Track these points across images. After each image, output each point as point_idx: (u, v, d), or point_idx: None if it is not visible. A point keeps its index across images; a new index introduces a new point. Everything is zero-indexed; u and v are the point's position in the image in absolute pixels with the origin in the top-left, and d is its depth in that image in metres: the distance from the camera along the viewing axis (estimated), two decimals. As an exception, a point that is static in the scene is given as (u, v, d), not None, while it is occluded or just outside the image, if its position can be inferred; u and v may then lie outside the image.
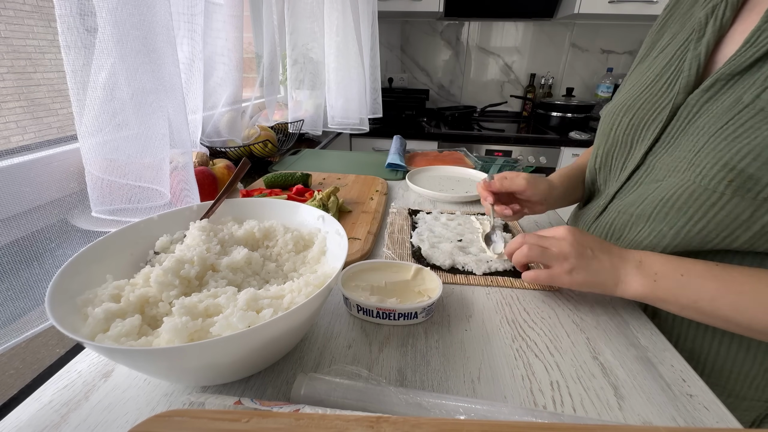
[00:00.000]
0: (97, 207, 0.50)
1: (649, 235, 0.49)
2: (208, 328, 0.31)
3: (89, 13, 0.45)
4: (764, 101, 0.40)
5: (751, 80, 0.42)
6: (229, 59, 0.93)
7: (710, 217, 0.43)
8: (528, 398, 0.35)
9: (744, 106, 0.41)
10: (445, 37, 2.29)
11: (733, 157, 0.40)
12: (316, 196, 0.71)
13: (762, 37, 0.41)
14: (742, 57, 0.43)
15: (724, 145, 0.41)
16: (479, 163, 1.04)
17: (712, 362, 0.49)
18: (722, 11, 0.47)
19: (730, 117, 0.42)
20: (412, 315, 0.43)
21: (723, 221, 0.42)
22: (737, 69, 0.43)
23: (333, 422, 0.21)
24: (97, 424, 0.32)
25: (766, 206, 0.39)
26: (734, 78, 0.43)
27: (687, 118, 0.47)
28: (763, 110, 0.39)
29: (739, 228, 0.41)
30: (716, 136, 0.43)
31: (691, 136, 0.46)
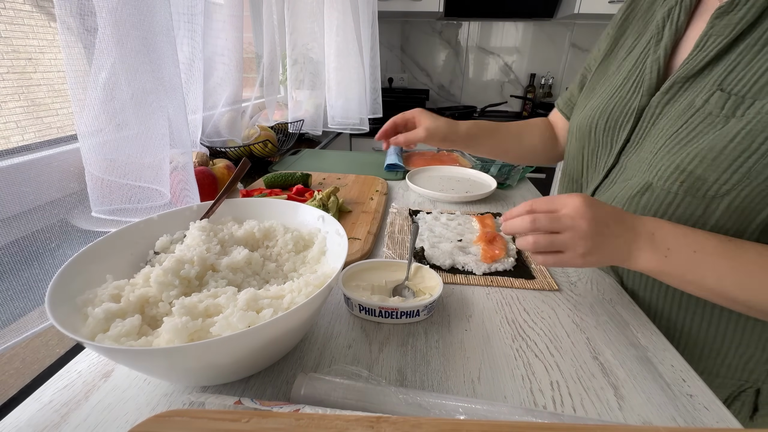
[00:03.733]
0: (97, 207, 0.50)
1: None
2: (208, 328, 0.31)
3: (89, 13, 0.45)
4: (712, 105, 0.43)
5: (702, 84, 0.45)
6: (229, 59, 0.93)
7: (669, 214, 0.46)
8: (528, 398, 0.35)
9: (695, 110, 0.44)
10: (445, 37, 2.29)
11: (684, 160, 0.43)
12: (315, 196, 0.71)
13: (709, 42, 0.44)
14: (694, 61, 0.45)
15: (678, 149, 0.44)
16: (478, 164, 1.04)
17: (686, 340, 0.50)
18: (677, 14, 0.50)
19: (684, 120, 0.45)
20: (414, 313, 0.43)
21: (680, 218, 0.45)
22: (690, 72, 0.46)
23: (333, 422, 0.21)
24: (97, 424, 0.32)
25: (715, 203, 0.42)
26: (689, 81, 0.46)
27: (651, 120, 0.50)
28: (710, 114, 0.42)
29: (696, 224, 0.44)
30: (672, 138, 0.46)
31: (653, 138, 0.49)
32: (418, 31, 2.29)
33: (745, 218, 0.42)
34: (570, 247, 0.40)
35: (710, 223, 0.43)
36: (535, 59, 2.28)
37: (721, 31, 0.43)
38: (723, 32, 0.43)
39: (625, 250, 0.41)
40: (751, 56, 0.41)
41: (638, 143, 0.52)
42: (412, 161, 1.10)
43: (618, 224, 0.41)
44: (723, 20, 0.43)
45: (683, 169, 0.43)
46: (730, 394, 0.52)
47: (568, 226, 0.40)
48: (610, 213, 0.41)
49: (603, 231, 0.40)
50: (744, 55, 0.42)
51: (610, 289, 0.52)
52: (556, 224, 0.40)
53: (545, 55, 2.27)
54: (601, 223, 0.40)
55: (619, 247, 0.40)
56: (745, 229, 0.43)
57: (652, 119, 0.50)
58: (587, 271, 0.56)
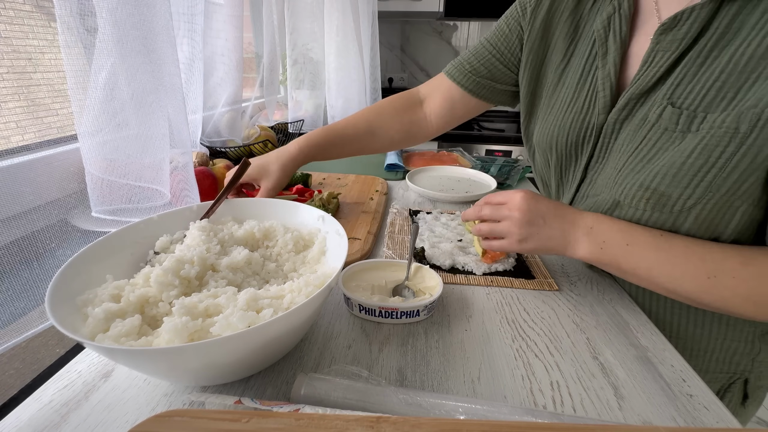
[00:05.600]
0: (97, 207, 0.50)
1: None
2: (208, 328, 0.31)
3: (89, 13, 0.45)
4: (666, 120, 0.43)
5: (653, 98, 0.45)
6: (229, 59, 0.93)
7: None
8: (528, 398, 0.35)
9: (651, 125, 0.45)
10: (445, 37, 2.29)
11: (647, 178, 0.44)
12: (315, 197, 0.71)
13: (657, 59, 0.45)
14: (645, 78, 0.46)
15: (641, 167, 0.45)
16: (478, 164, 1.04)
17: (675, 336, 0.52)
18: (618, 25, 0.49)
19: (643, 136, 0.46)
20: (414, 313, 0.43)
21: None
22: (643, 89, 0.46)
23: (333, 422, 0.21)
24: (97, 424, 0.32)
25: (683, 217, 0.43)
26: (642, 96, 0.47)
27: (611, 136, 0.50)
28: (667, 129, 0.43)
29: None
30: (633, 156, 0.46)
31: (616, 153, 0.49)
32: (418, 31, 2.29)
33: (714, 228, 0.43)
34: (507, 234, 0.48)
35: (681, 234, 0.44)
36: (535, 59, 2.28)
37: (668, 46, 0.44)
38: (669, 48, 0.43)
39: (563, 241, 0.46)
40: (696, 69, 0.42)
41: (603, 159, 0.52)
42: (412, 161, 1.10)
43: (556, 218, 0.46)
44: (668, 36, 0.44)
45: (647, 187, 0.44)
46: (720, 387, 0.54)
47: (505, 216, 0.48)
48: (547, 207, 0.47)
49: (537, 222, 0.46)
50: (689, 68, 0.43)
51: (610, 289, 0.52)
52: (496, 214, 0.49)
53: (545, 55, 2.26)
54: (537, 215, 0.46)
55: (555, 237, 0.46)
56: (718, 238, 0.43)
57: (612, 135, 0.50)
58: (587, 272, 0.56)
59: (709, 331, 0.51)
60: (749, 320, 0.50)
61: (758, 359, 0.52)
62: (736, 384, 0.54)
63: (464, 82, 0.68)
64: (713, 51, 0.41)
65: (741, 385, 0.54)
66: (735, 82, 0.39)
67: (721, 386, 0.54)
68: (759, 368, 0.53)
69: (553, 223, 0.46)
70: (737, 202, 0.40)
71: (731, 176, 0.39)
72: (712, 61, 0.41)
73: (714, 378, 0.54)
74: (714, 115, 0.40)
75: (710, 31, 0.41)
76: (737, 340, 0.51)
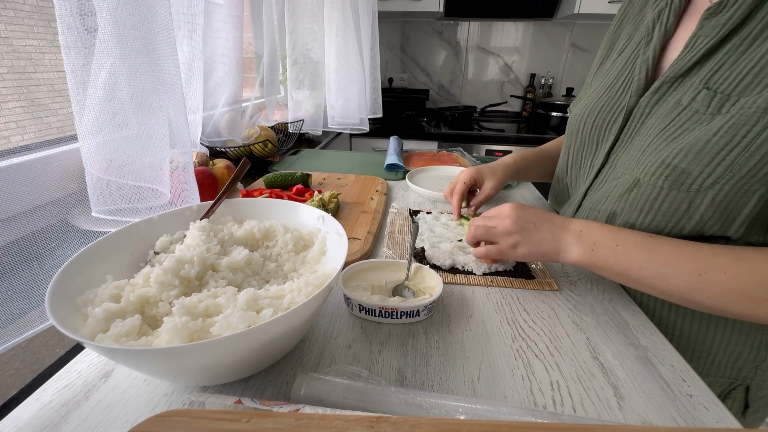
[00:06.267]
0: (97, 207, 0.50)
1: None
2: (208, 328, 0.31)
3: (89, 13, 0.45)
4: (698, 103, 0.43)
5: (690, 83, 0.45)
6: (229, 59, 0.93)
7: (655, 209, 0.46)
8: (528, 398, 0.35)
9: (683, 108, 0.45)
10: (445, 37, 2.29)
11: (669, 155, 0.44)
12: (315, 197, 0.71)
13: (698, 43, 0.45)
14: (683, 61, 0.46)
15: (665, 145, 0.45)
16: (478, 164, 1.04)
17: (677, 341, 0.52)
18: (666, 16, 0.51)
19: (672, 118, 0.46)
20: (414, 313, 0.43)
21: (667, 212, 0.46)
22: (679, 72, 0.46)
23: (333, 422, 0.21)
24: (97, 424, 0.32)
25: (700, 197, 0.43)
26: (677, 80, 0.47)
27: (640, 119, 0.51)
28: (697, 112, 0.43)
29: (683, 218, 0.45)
30: (659, 136, 0.47)
31: (642, 136, 0.49)
32: (418, 31, 2.29)
33: (729, 214, 0.43)
34: (501, 240, 0.50)
35: (695, 218, 0.44)
36: (535, 59, 2.28)
37: (710, 31, 0.44)
38: (711, 33, 0.44)
39: (555, 245, 0.47)
40: (737, 55, 0.42)
41: (627, 142, 0.52)
42: (412, 161, 1.10)
43: (545, 222, 0.48)
44: (711, 21, 0.44)
45: (668, 164, 0.44)
46: (720, 393, 0.54)
47: (496, 224, 0.50)
48: (535, 214, 0.49)
49: (528, 227, 0.48)
50: (730, 54, 0.43)
51: (610, 289, 0.52)
52: (488, 224, 0.51)
53: (545, 55, 2.27)
54: (527, 221, 0.49)
55: (546, 241, 0.48)
56: (730, 225, 0.43)
57: (641, 119, 0.50)
58: (587, 272, 0.56)
59: (714, 332, 0.51)
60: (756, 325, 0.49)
61: (762, 367, 0.52)
62: (736, 391, 0.53)
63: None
64: (757, 39, 0.41)
65: (742, 393, 0.53)
66: None
67: (721, 391, 0.54)
68: (762, 376, 0.52)
69: (543, 228, 0.48)
70: (756, 185, 0.40)
71: (753, 157, 0.39)
72: (754, 49, 0.41)
73: (714, 382, 0.53)
74: (746, 98, 0.40)
75: (756, 20, 0.41)
76: (742, 344, 0.50)
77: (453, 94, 2.42)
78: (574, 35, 2.20)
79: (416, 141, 1.89)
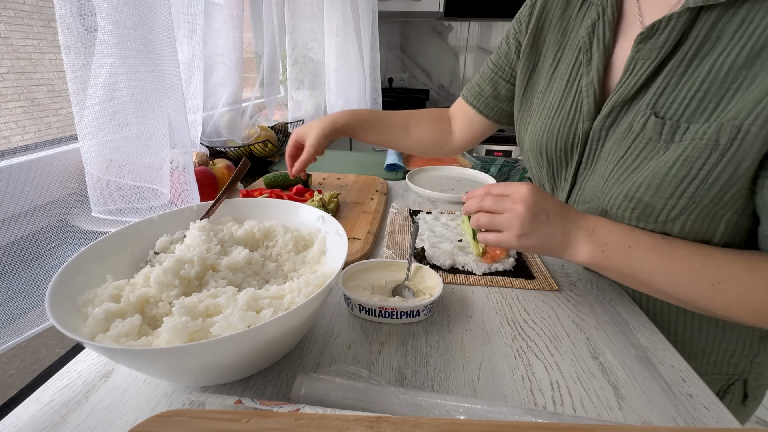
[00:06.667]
0: (97, 207, 0.50)
1: None
2: (208, 328, 0.31)
3: (89, 13, 0.45)
4: (650, 130, 0.43)
5: (638, 106, 0.45)
6: (229, 59, 0.93)
7: None
8: (528, 398, 0.35)
9: (636, 135, 0.44)
10: (445, 37, 2.29)
11: (631, 188, 0.44)
12: (315, 197, 0.71)
13: (638, 67, 0.44)
14: (627, 86, 0.45)
15: (626, 177, 0.45)
16: (478, 164, 1.04)
17: (673, 338, 0.52)
18: (602, 31, 0.49)
19: (628, 145, 0.45)
20: (414, 313, 0.43)
21: None
22: (627, 97, 0.46)
23: (333, 422, 0.21)
24: (97, 424, 0.32)
25: (669, 226, 0.43)
26: (626, 104, 0.46)
27: (598, 143, 0.50)
28: (651, 140, 0.43)
29: None
30: (619, 165, 0.46)
31: (603, 161, 0.49)
32: (418, 31, 2.29)
33: (702, 237, 0.43)
34: (506, 227, 0.44)
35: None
36: (535, 59, 2.28)
37: (647, 55, 0.43)
38: (649, 56, 0.43)
39: (564, 241, 0.44)
40: (677, 78, 0.42)
41: (591, 166, 0.51)
42: (412, 161, 1.10)
43: (559, 216, 0.44)
44: (647, 45, 0.43)
45: (632, 197, 0.44)
46: (720, 389, 0.54)
47: (508, 207, 0.44)
48: (552, 204, 0.44)
49: (540, 218, 0.43)
50: (671, 77, 0.42)
51: (610, 289, 0.52)
52: (499, 205, 0.45)
53: (545, 55, 2.26)
54: (540, 211, 0.43)
55: (556, 236, 0.43)
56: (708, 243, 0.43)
57: (599, 142, 0.50)
58: (587, 272, 0.56)
59: (707, 333, 0.51)
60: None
61: (756, 361, 0.52)
62: (735, 385, 0.54)
63: (474, 102, 0.73)
64: (694, 60, 0.41)
65: (741, 386, 0.54)
66: (717, 92, 0.39)
67: (720, 387, 0.54)
68: (758, 369, 0.53)
69: (556, 221, 0.43)
70: (721, 211, 0.41)
71: (713, 188, 0.39)
72: (693, 71, 0.41)
73: (713, 380, 0.53)
74: (697, 125, 0.39)
75: (690, 40, 0.41)
76: (735, 342, 0.51)
77: (453, 94, 2.42)
78: (574, 35, 2.20)
79: (416, 141, 1.88)
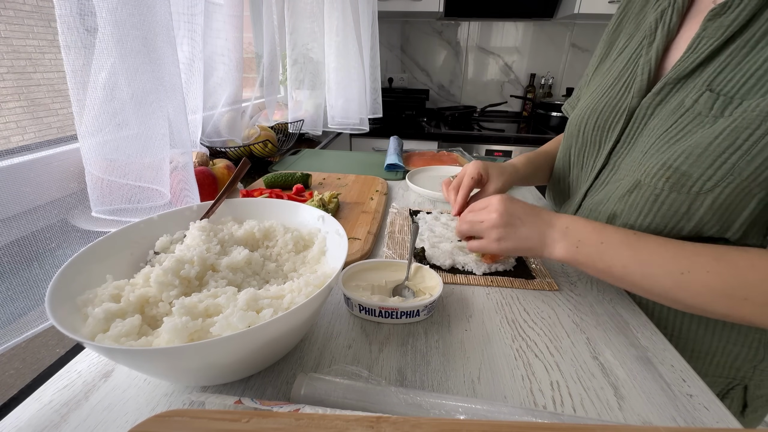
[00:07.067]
0: (97, 207, 0.50)
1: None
2: (208, 328, 0.31)
3: (89, 13, 0.45)
4: (701, 105, 0.43)
5: (692, 84, 0.45)
6: (229, 59, 0.93)
7: (655, 211, 0.46)
8: (528, 398, 0.35)
9: (685, 110, 0.44)
10: (445, 37, 2.29)
11: (671, 157, 0.44)
12: (315, 197, 0.71)
13: (701, 44, 0.45)
14: (686, 62, 0.46)
15: (667, 147, 0.45)
16: (479, 163, 1.04)
17: (677, 336, 0.52)
18: (669, 16, 0.50)
19: (675, 120, 0.45)
20: (414, 313, 0.43)
21: (666, 214, 0.45)
22: (682, 74, 0.46)
23: (333, 422, 0.21)
24: (97, 424, 0.32)
25: (700, 199, 0.43)
26: (680, 82, 0.47)
27: (642, 120, 0.50)
28: (700, 114, 0.43)
29: (682, 220, 0.45)
30: (661, 138, 0.46)
31: (645, 138, 0.49)
32: (418, 31, 2.29)
33: (728, 216, 0.42)
34: (486, 234, 0.49)
35: (694, 220, 0.44)
36: (535, 59, 2.28)
37: (713, 33, 0.44)
38: (715, 34, 0.44)
39: (540, 241, 0.47)
40: (741, 57, 0.42)
41: (630, 144, 0.52)
42: (412, 161, 1.10)
43: (532, 217, 0.48)
44: (715, 22, 0.44)
45: (669, 166, 0.44)
46: (719, 393, 0.54)
47: (484, 218, 0.49)
48: (523, 208, 0.49)
49: (514, 222, 0.48)
50: (734, 56, 0.42)
51: (610, 289, 0.52)
52: (476, 218, 0.50)
53: (545, 55, 2.27)
54: (513, 216, 0.48)
55: (532, 237, 0.47)
56: (729, 227, 0.43)
57: (643, 120, 0.50)
58: (587, 271, 0.56)
59: (713, 332, 0.51)
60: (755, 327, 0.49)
61: (760, 367, 0.52)
62: (735, 390, 0.53)
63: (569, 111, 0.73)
64: (760, 41, 0.41)
65: (740, 392, 0.54)
66: None
67: (719, 392, 0.54)
68: (760, 376, 0.52)
69: (529, 223, 0.47)
70: (756, 189, 0.40)
71: (755, 160, 0.39)
72: (758, 52, 0.41)
73: (712, 382, 0.53)
74: (750, 101, 0.39)
75: (759, 21, 0.41)
76: (740, 344, 0.51)
77: (453, 94, 2.42)
78: (574, 35, 2.20)
79: (416, 141, 1.89)
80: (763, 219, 0.42)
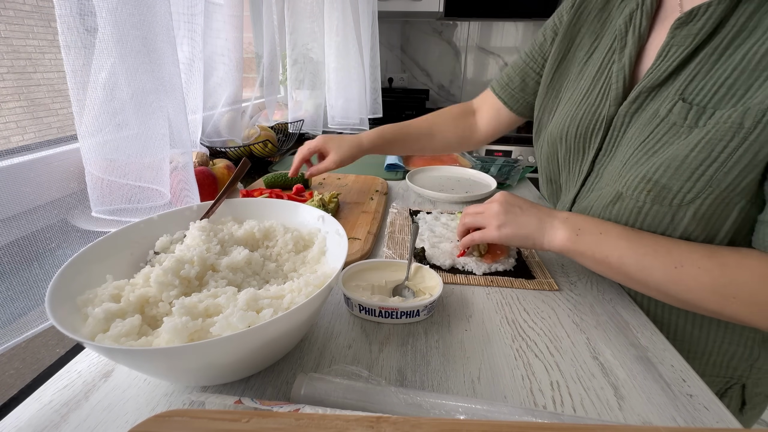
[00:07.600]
0: (97, 207, 0.50)
1: None
2: (208, 328, 0.31)
3: (89, 13, 0.45)
4: (675, 115, 0.44)
5: (666, 93, 0.45)
6: (229, 59, 0.93)
7: (639, 223, 0.47)
8: (528, 398, 0.35)
9: (660, 120, 0.45)
10: (445, 37, 2.29)
11: (650, 169, 0.44)
12: (315, 197, 0.71)
13: (671, 53, 0.45)
14: (658, 71, 0.46)
15: (645, 159, 0.45)
16: (478, 164, 1.04)
17: (673, 337, 0.52)
18: (639, 20, 0.50)
19: (651, 130, 0.46)
20: (414, 313, 0.43)
21: (651, 225, 0.46)
22: (655, 82, 0.46)
23: (333, 422, 0.21)
24: (97, 424, 0.32)
25: (682, 211, 0.43)
26: (654, 90, 0.47)
27: (621, 129, 0.50)
28: (675, 124, 0.43)
29: (667, 230, 0.45)
30: (639, 149, 0.47)
31: (624, 147, 0.49)
32: (418, 31, 2.29)
33: (712, 225, 0.43)
34: (487, 223, 0.50)
35: (679, 231, 0.44)
36: (535, 59, 2.28)
37: (682, 41, 0.44)
38: (683, 42, 0.44)
39: (540, 228, 0.48)
40: (710, 66, 0.42)
41: (611, 152, 0.52)
42: (412, 161, 1.10)
43: (532, 207, 0.50)
44: (683, 30, 0.44)
45: (649, 179, 0.44)
46: (717, 392, 0.54)
47: (486, 209, 0.51)
48: (524, 201, 0.51)
49: (514, 211, 0.49)
50: (703, 64, 0.43)
51: (610, 289, 0.52)
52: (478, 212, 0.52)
53: (545, 55, 2.26)
54: (513, 206, 0.50)
55: (531, 223, 0.48)
56: (715, 236, 0.44)
57: (622, 128, 0.50)
58: (587, 271, 0.56)
59: (708, 332, 0.51)
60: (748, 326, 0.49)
61: (756, 365, 0.52)
62: (733, 389, 0.54)
63: (501, 93, 0.75)
64: (728, 48, 0.41)
65: (739, 391, 0.54)
66: (746, 80, 0.39)
67: (717, 391, 0.54)
68: (757, 374, 0.53)
69: (529, 212, 0.49)
70: (736, 198, 0.41)
71: (732, 172, 0.39)
72: (726, 59, 0.41)
73: (711, 381, 0.53)
74: (722, 111, 0.40)
75: (726, 28, 0.41)
76: (736, 343, 0.51)
77: (453, 94, 2.42)
78: (574, 35, 2.20)
79: (416, 141, 1.88)
80: (748, 226, 0.43)
